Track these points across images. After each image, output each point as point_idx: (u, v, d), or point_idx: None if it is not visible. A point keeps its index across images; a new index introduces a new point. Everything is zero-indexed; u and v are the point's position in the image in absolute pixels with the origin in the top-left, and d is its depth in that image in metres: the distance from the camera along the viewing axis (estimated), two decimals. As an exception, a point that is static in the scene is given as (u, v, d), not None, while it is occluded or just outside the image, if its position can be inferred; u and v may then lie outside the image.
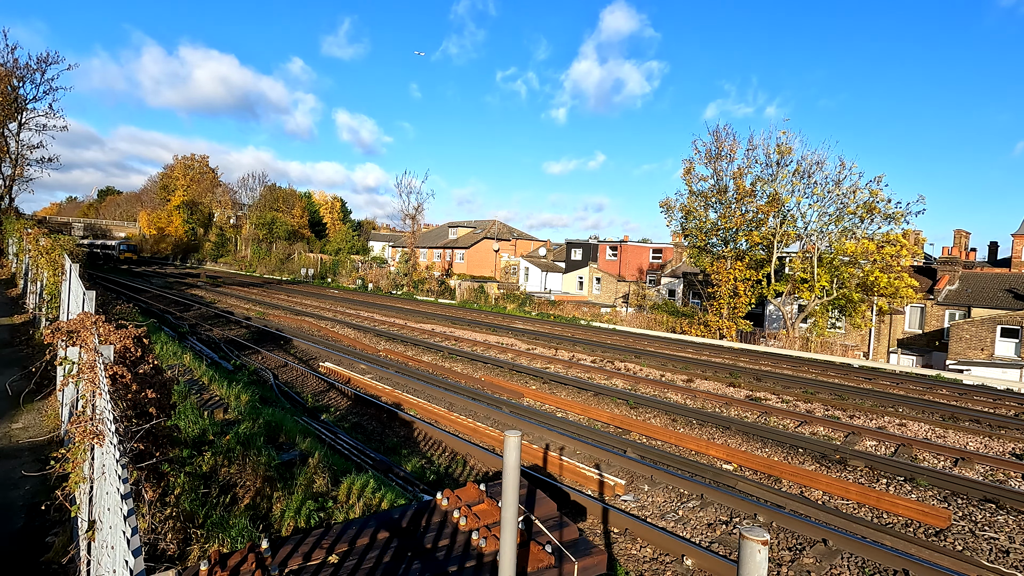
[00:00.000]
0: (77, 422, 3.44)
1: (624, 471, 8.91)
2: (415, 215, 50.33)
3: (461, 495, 4.30)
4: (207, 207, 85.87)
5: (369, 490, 6.27)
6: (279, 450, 7.67)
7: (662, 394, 14.13)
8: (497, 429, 10.48)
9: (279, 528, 5.50)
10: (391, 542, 3.71)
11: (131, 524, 2.00)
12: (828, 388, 15.15)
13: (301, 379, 14.62)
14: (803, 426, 11.74)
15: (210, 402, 10.00)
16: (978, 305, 32.52)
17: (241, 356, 16.85)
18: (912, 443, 10.50)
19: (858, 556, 6.42)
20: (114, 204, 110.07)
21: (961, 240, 53.12)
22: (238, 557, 3.42)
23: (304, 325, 23.42)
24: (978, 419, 12.47)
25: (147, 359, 4.86)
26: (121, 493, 2.21)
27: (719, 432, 11.14)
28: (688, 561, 6.27)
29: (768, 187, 31.94)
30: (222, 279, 49.54)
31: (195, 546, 4.87)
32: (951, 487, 8.49)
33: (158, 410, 4.21)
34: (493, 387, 14.07)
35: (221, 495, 5.85)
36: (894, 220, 29.14)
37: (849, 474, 9.15)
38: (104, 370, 3.81)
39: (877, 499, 7.84)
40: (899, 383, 16.45)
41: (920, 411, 13.20)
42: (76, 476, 3.67)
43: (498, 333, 23.18)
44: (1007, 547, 6.90)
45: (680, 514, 7.58)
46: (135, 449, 3.67)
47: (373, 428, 10.94)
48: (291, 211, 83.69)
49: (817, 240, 31.43)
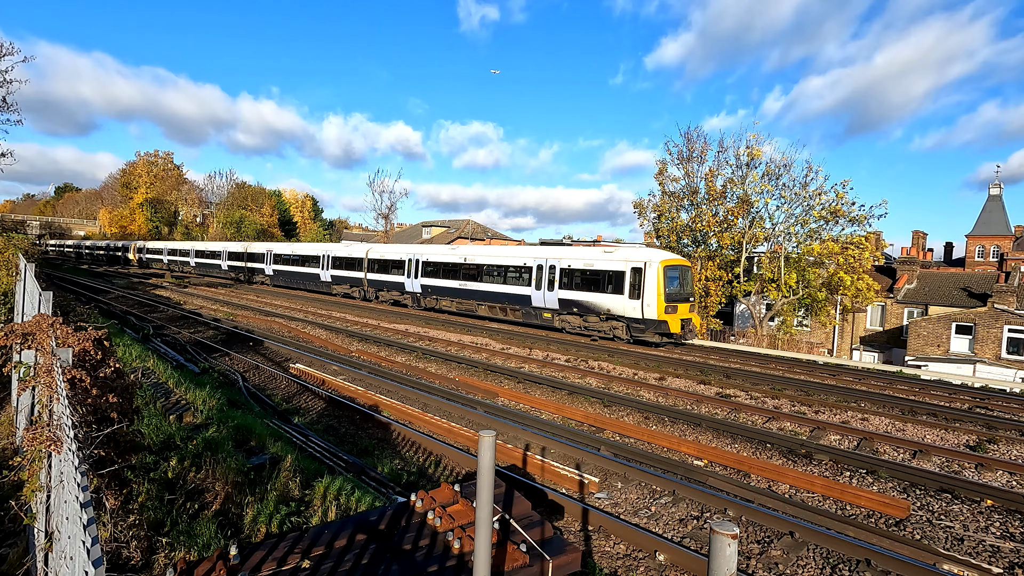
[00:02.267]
0: (33, 429, 3.30)
1: (598, 469, 8.99)
2: (388, 214, 49.91)
3: (436, 496, 4.28)
4: (172, 205, 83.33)
5: (344, 493, 6.19)
6: (249, 454, 7.50)
7: (635, 392, 14.31)
8: (472, 429, 10.46)
9: (250, 534, 5.38)
10: (368, 545, 3.67)
11: (91, 533, 1.93)
12: (795, 385, 15.58)
13: (272, 381, 14.33)
14: (771, 422, 12.04)
15: (176, 406, 9.72)
16: (935, 303, 33.88)
17: (209, 359, 16.42)
18: (874, 437, 10.88)
19: (823, 547, 6.62)
20: (72, 202, 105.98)
21: (919, 240, 55.11)
22: (207, 565, 3.33)
23: (274, 326, 22.95)
24: (935, 413, 12.99)
25: (108, 362, 4.69)
26: (80, 501, 2.13)
27: (690, 429, 11.34)
28: (660, 557, 6.37)
29: (738, 189, 32.69)
30: (188, 279, 48.18)
31: (161, 555, 4.72)
32: (910, 478, 8.82)
33: (120, 415, 4.07)
34: (467, 387, 14.03)
35: (188, 502, 5.69)
36: (858, 223, 30.16)
37: (815, 468, 9.43)
38: (62, 374, 3.67)
39: (841, 491, 8.10)
40: (861, 379, 17.01)
41: (881, 406, 13.68)
42: (32, 485, 3.52)
43: (472, 333, 23.14)
44: (962, 535, 7.21)
45: (653, 510, 7.69)
46: (95, 456, 3.55)
47: (346, 430, 10.79)
48: (260, 209, 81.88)
49: (784, 241, 32.30)
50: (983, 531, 7.31)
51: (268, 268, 43.75)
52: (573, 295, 22.89)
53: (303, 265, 39.95)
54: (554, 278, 23.48)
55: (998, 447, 10.66)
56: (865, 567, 6.22)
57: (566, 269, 23.16)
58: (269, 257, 43.81)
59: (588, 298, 22.33)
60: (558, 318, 23.68)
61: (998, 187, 65.88)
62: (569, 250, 24.39)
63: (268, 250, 44.50)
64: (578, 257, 23.14)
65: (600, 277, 22.01)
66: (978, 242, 64.56)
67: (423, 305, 30.20)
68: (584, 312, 22.50)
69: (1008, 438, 10.97)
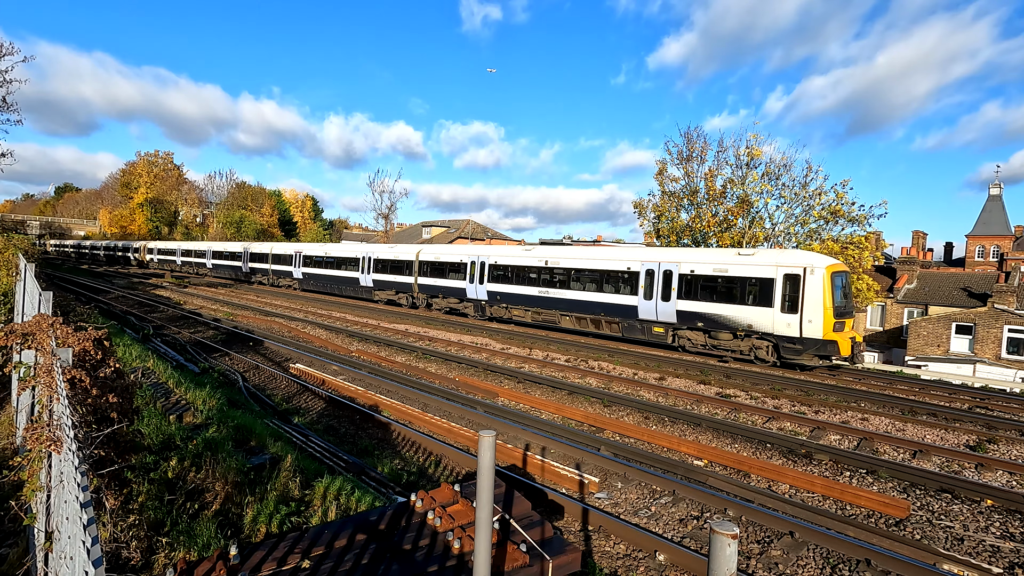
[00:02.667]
0: (33, 429, 3.30)
1: (598, 469, 8.99)
2: (388, 214, 49.92)
3: (436, 496, 4.28)
4: (172, 205, 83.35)
5: (344, 493, 6.19)
6: (249, 454, 7.50)
7: (635, 392, 14.31)
8: (472, 429, 10.46)
9: (250, 534, 5.38)
10: (368, 545, 3.67)
11: (91, 533, 1.93)
12: (795, 384, 15.58)
13: (272, 381, 14.33)
14: (771, 422, 12.04)
15: (176, 406, 9.72)
16: (935, 303, 33.90)
17: (209, 358, 16.42)
18: (874, 436, 10.88)
19: (823, 547, 6.62)
20: (72, 202, 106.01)
21: (919, 240, 55.11)
22: (207, 565, 3.33)
23: (274, 326, 22.96)
24: (935, 413, 12.99)
25: (108, 362, 4.69)
26: (80, 501, 2.13)
27: (690, 429, 11.34)
28: (660, 556, 6.37)
29: (738, 189, 32.69)
30: (188, 279, 48.18)
31: (160, 555, 4.72)
32: (910, 478, 8.82)
33: (120, 415, 4.08)
34: (467, 387, 14.03)
35: (188, 502, 5.69)
36: (857, 223, 30.16)
37: (814, 468, 9.42)
38: (62, 374, 3.67)
39: (841, 491, 8.10)
40: (861, 379, 17.01)
41: (881, 405, 13.68)
42: (32, 484, 3.52)
43: (472, 333, 23.13)
44: (962, 535, 7.21)
45: (653, 510, 7.69)
46: (95, 456, 3.55)
47: (346, 430, 10.80)
48: (260, 209, 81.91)
49: (784, 241, 32.29)
50: (983, 531, 7.30)
51: (296, 271, 40.70)
52: (697, 306, 19.12)
53: (339, 268, 36.52)
54: (670, 286, 19.78)
55: (998, 447, 10.66)
56: (865, 567, 6.21)
57: (688, 275, 19.45)
58: (298, 259, 40.68)
59: (719, 311, 18.60)
60: (674, 333, 20.06)
61: (998, 187, 65.91)
62: (690, 253, 20.89)
63: (296, 251, 41.29)
64: (704, 260, 19.48)
65: (737, 285, 18.32)
66: (978, 242, 64.57)
67: (488, 314, 26.97)
68: (712, 327, 18.84)
69: (1008, 438, 10.97)
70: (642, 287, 20.65)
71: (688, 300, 19.42)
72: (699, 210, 33.84)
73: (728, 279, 18.61)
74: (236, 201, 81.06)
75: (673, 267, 19.92)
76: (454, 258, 28.70)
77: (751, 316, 17.91)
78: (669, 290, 19.85)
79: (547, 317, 24.25)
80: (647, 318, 20.59)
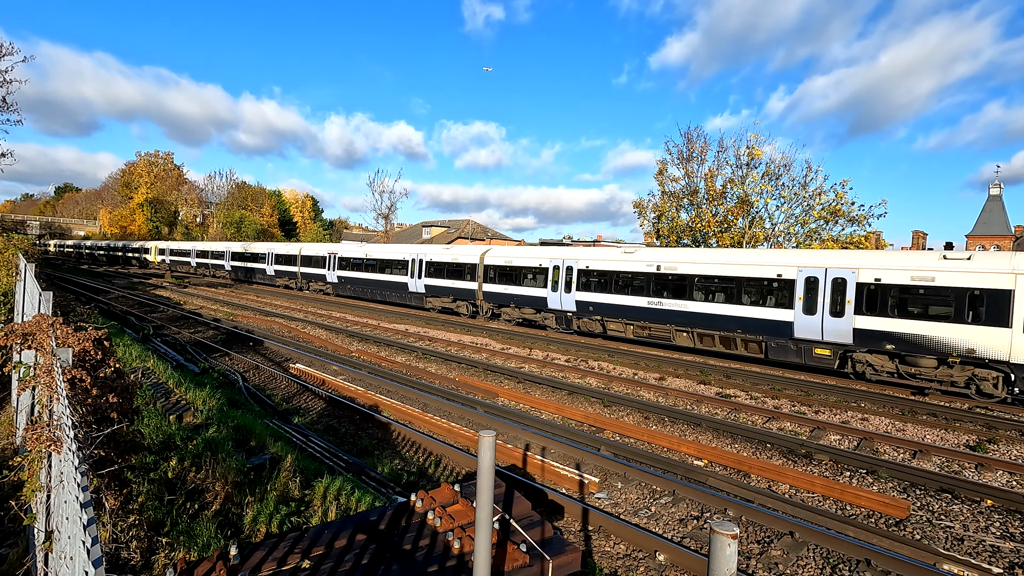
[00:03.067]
0: (33, 429, 3.30)
1: (598, 469, 8.99)
2: (388, 214, 49.92)
3: (435, 496, 4.28)
4: (172, 205, 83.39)
5: (344, 493, 6.19)
6: (249, 454, 7.50)
7: (635, 392, 14.31)
8: (472, 429, 10.46)
9: (250, 534, 5.38)
10: (368, 545, 3.67)
11: (91, 533, 1.93)
12: (795, 385, 15.57)
13: (272, 381, 14.33)
14: (771, 422, 12.04)
15: (176, 406, 9.72)
16: (935, 303, 33.79)
17: (209, 359, 16.42)
18: (873, 436, 10.88)
19: (823, 547, 6.62)
20: (72, 202, 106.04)
21: (919, 240, 55.16)
22: (207, 565, 3.33)
23: (274, 326, 22.96)
24: (935, 413, 12.98)
25: (108, 362, 4.70)
26: (80, 501, 2.13)
27: (690, 429, 11.34)
28: (660, 557, 6.37)
29: (738, 189, 32.71)
30: (188, 279, 48.18)
31: (160, 555, 4.72)
32: (910, 478, 8.82)
33: (120, 415, 4.08)
34: (467, 387, 14.03)
35: (188, 502, 5.69)
36: (857, 223, 30.18)
37: (814, 468, 9.42)
38: (62, 374, 3.67)
39: (841, 491, 8.10)
40: (861, 379, 17.00)
41: (881, 405, 13.67)
42: (32, 484, 3.52)
43: (472, 333, 23.13)
44: (962, 535, 7.21)
45: (653, 510, 7.69)
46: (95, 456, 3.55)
47: (346, 430, 10.79)
48: (260, 210, 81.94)
49: (784, 241, 32.31)
50: (983, 531, 7.30)
51: (330, 274, 36.86)
52: (885, 323, 15.22)
53: (382, 271, 32.61)
54: (842, 297, 15.97)
55: (998, 447, 10.66)
56: (865, 567, 6.22)
57: (871, 285, 15.55)
58: (332, 261, 36.75)
59: (919, 330, 14.69)
60: (847, 356, 16.29)
61: (998, 187, 65.97)
62: (874, 257, 16.68)
63: (330, 252, 37.28)
64: (895, 266, 15.40)
65: (953, 297, 14.36)
66: (978, 242, 64.58)
67: (575, 327, 23.35)
68: (907, 350, 14.94)
69: (1008, 438, 10.97)
70: (799, 298, 16.75)
71: (871, 316, 15.54)
72: (699, 210, 33.87)
73: (934, 290, 14.70)
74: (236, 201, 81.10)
75: (847, 274, 16.02)
76: (531, 262, 24.68)
77: (975, 338, 13.94)
78: (840, 302, 16.05)
79: (657, 333, 20.31)
80: (806, 337, 16.66)
